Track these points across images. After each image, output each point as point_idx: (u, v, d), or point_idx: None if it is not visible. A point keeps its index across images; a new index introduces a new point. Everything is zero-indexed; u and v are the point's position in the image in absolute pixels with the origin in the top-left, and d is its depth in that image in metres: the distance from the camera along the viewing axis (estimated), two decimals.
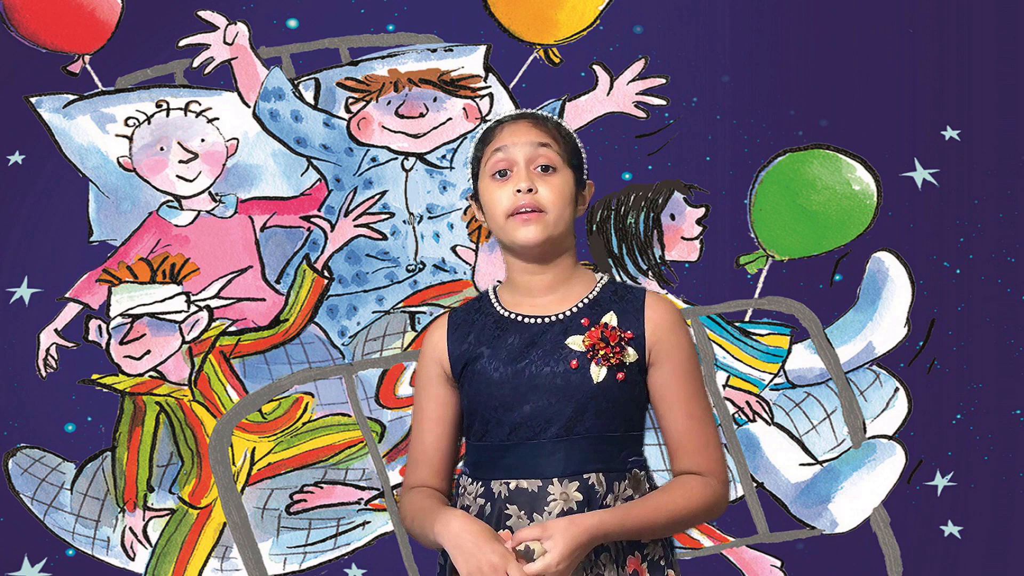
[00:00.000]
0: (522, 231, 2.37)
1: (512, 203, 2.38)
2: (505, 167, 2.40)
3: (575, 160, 2.44)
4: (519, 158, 2.39)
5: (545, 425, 2.34)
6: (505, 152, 2.40)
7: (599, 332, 2.36)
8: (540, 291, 2.41)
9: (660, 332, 2.39)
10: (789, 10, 4.10)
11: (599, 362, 2.35)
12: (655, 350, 2.39)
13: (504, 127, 2.44)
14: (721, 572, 4.07)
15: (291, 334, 4.05)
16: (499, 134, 2.43)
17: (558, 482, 2.34)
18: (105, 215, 4.05)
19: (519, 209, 2.37)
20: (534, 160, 2.40)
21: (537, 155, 2.40)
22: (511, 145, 2.40)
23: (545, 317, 2.39)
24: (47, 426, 4.02)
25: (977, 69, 4.10)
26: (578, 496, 2.33)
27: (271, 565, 4.03)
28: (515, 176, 2.39)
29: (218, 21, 4.05)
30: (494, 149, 2.41)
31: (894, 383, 4.10)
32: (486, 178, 2.42)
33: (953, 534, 4.08)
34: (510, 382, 2.35)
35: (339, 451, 4.05)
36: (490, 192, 2.41)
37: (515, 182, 2.38)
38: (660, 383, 2.39)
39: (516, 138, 2.41)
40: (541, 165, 2.40)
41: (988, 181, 4.11)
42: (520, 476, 2.34)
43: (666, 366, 2.39)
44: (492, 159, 2.41)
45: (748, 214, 4.10)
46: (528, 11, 4.09)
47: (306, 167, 4.08)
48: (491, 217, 2.42)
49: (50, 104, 4.03)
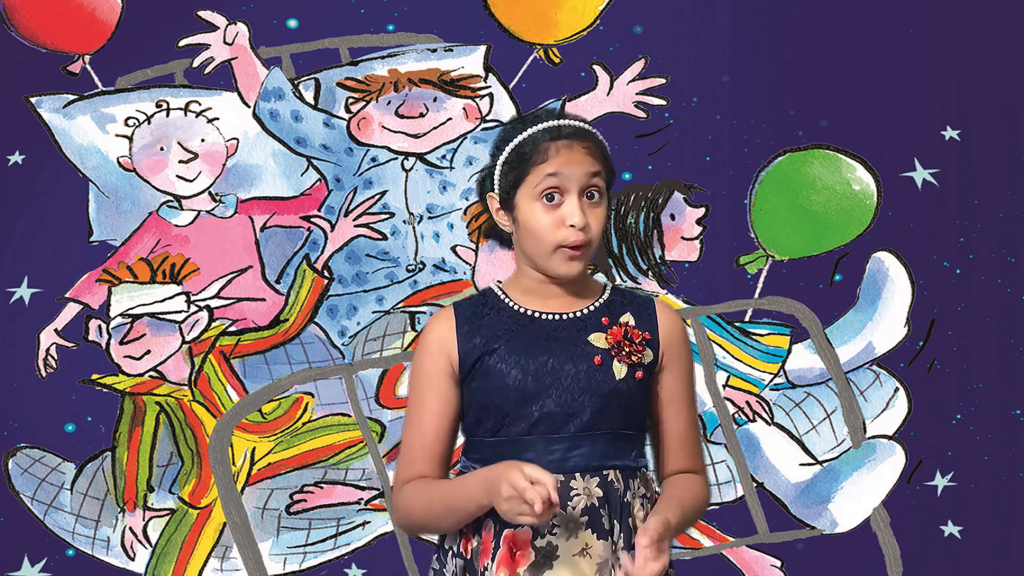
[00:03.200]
0: (567, 266, 2.34)
1: (563, 236, 2.32)
2: (556, 192, 2.33)
3: (611, 181, 2.41)
4: (573, 188, 2.33)
5: (568, 420, 2.34)
6: (560, 179, 2.32)
7: (622, 331, 2.37)
8: (553, 295, 2.41)
9: (672, 337, 2.42)
10: (789, 10, 4.10)
11: (622, 359, 2.36)
12: (667, 354, 2.41)
13: (560, 148, 2.34)
14: (721, 572, 4.07)
15: (291, 334, 4.05)
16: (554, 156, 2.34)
17: (580, 477, 2.34)
18: (105, 215, 4.05)
19: (569, 243, 2.33)
20: (586, 189, 2.34)
21: (590, 184, 2.34)
22: (567, 173, 2.33)
23: (562, 314, 2.39)
24: (47, 426, 4.02)
25: (977, 69, 4.10)
26: (599, 492, 2.33)
27: (271, 565, 4.03)
28: (568, 208, 2.32)
29: (218, 21, 4.05)
30: (547, 172, 2.33)
31: (894, 383, 4.10)
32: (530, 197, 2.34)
33: (953, 534, 4.08)
34: (531, 376, 2.34)
35: (339, 451, 4.05)
36: (536, 216, 2.34)
37: (569, 215, 2.32)
38: (669, 386, 2.42)
39: (573, 168, 2.33)
40: (590, 193, 2.35)
41: (988, 181, 4.11)
42: None
43: (676, 370, 2.42)
44: (544, 181, 2.33)
45: (748, 214, 4.10)
46: (528, 11, 4.09)
47: (306, 167, 4.08)
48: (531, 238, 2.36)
49: (50, 104, 4.03)
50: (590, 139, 2.38)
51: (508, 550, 2.33)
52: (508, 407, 2.35)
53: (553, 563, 2.31)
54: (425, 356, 2.40)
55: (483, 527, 2.35)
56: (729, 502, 4.07)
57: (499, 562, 2.33)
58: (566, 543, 2.32)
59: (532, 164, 2.35)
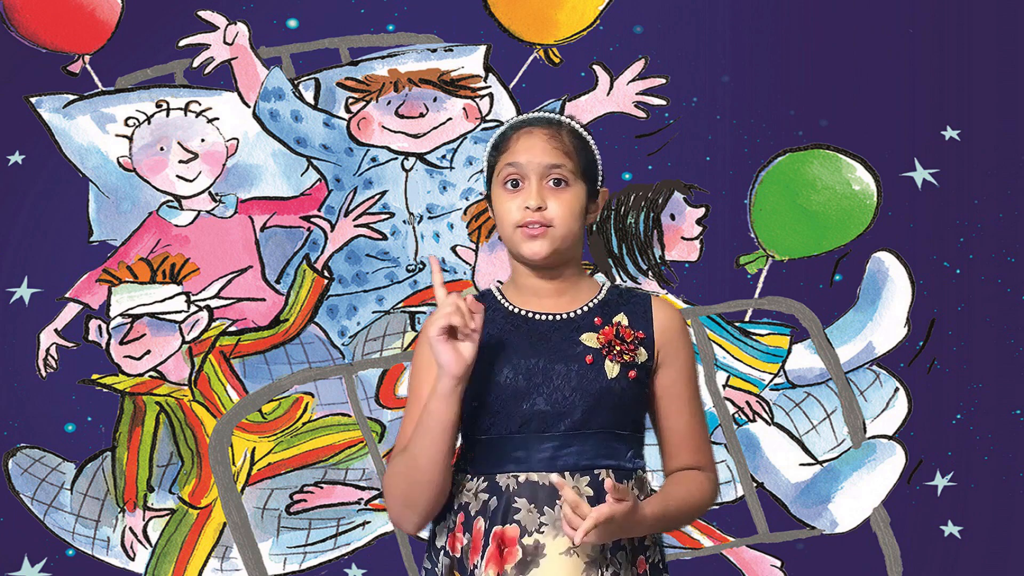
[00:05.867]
0: (527, 245, 2.38)
1: (520, 216, 2.38)
2: (517, 179, 2.40)
3: (590, 171, 2.44)
4: (531, 174, 2.39)
5: (558, 419, 2.35)
6: (517, 168, 2.39)
7: (613, 330, 2.38)
8: (548, 294, 2.43)
9: (668, 335, 2.42)
10: (789, 10, 4.10)
11: (614, 359, 2.37)
12: (663, 351, 2.42)
13: (520, 138, 2.42)
14: (721, 572, 4.07)
15: (291, 334, 4.05)
16: (513, 145, 2.41)
17: (570, 476, 2.34)
18: (105, 215, 4.06)
19: (526, 223, 2.38)
20: (546, 175, 2.39)
21: (549, 173, 2.40)
22: (524, 162, 2.39)
23: (556, 315, 2.41)
24: (47, 426, 4.02)
25: (977, 69, 4.10)
26: (589, 491, 2.34)
27: (271, 565, 4.03)
28: (525, 190, 2.39)
29: (218, 21, 4.05)
30: (507, 161, 2.40)
31: (894, 383, 4.10)
32: (498, 186, 2.42)
33: (953, 534, 4.08)
34: (523, 375, 2.35)
35: (339, 451, 4.05)
36: (500, 201, 2.41)
37: (525, 197, 2.38)
38: (668, 383, 2.42)
39: (530, 155, 2.39)
40: (553, 179, 2.40)
41: (988, 181, 4.11)
42: (531, 469, 2.34)
43: (674, 367, 2.42)
44: (505, 169, 2.40)
45: (748, 214, 4.10)
46: (528, 11, 4.09)
47: (306, 167, 4.08)
48: (500, 225, 2.43)
49: (50, 104, 4.03)
50: (554, 127, 2.42)
51: (496, 547, 2.33)
52: (498, 405, 2.36)
53: (540, 561, 2.31)
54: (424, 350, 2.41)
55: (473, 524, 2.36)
56: (729, 502, 4.07)
57: (488, 559, 2.33)
58: (553, 541, 2.32)
59: (499, 155, 2.43)
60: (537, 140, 2.41)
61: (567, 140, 2.42)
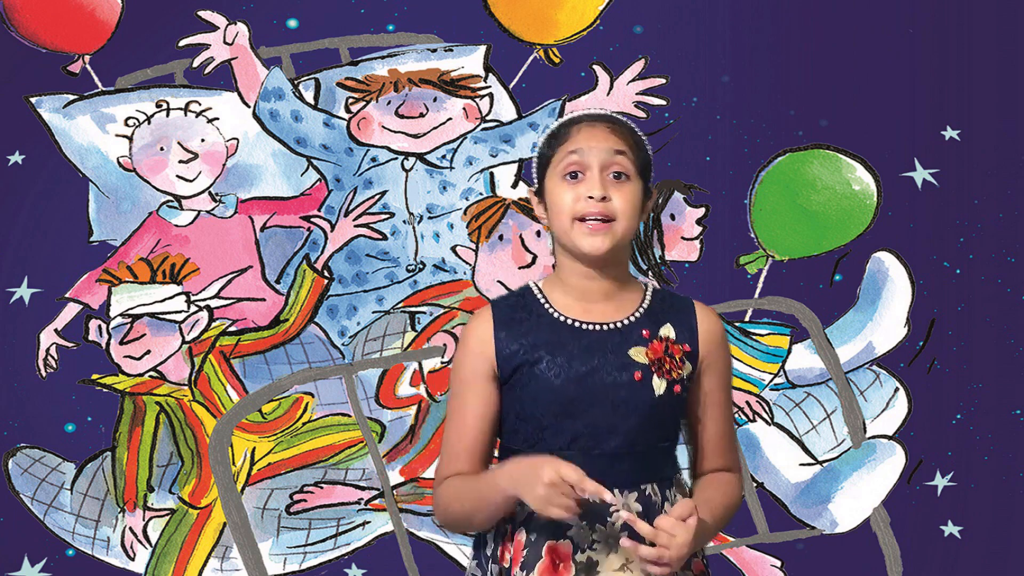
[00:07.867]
0: (588, 240, 2.33)
1: (582, 209, 2.33)
2: (578, 170, 2.34)
3: (646, 169, 2.41)
4: (594, 163, 2.34)
5: (608, 435, 2.32)
6: (580, 155, 2.34)
7: (663, 347, 2.35)
8: (596, 298, 2.38)
9: (711, 345, 2.41)
10: (789, 10, 4.10)
11: (662, 376, 2.34)
12: (706, 361, 2.40)
13: (581, 128, 2.38)
14: (721, 572, 4.07)
15: (291, 334, 4.05)
16: (575, 135, 2.37)
17: (619, 492, 2.32)
18: (105, 215, 4.06)
19: (588, 216, 2.33)
20: (609, 167, 2.35)
21: (612, 162, 2.35)
22: (587, 149, 2.34)
23: (604, 324, 2.36)
24: (47, 426, 4.02)
25: (977, 69, 4.10)
26: (638, 507, 2.32)
27: (271, 565, 4.03)
28: (588, 181, 2.33)
29: (218, 21, 4.05)
30: (569, 150, 2.35)
31: (894, 383, 4.10)
32: (556, 177, 2.36)
33: (953, 534, 4.08)
34: (573, 389, 2.31)
35: (339, 451, 4.05)
36: (559, 193, 2.35)
37: (588, 187, 2.33)
38: (708, 390, 2.41)
39: (593, 143, 2.35)
40: (615, 172, 2.36)
41: (988, 181, 4.11)
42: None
43: (715, 375, 2.41)
44: (565, 160, 2.35)
45: (748, 214, 4.10)
46: (528, 11, 4.09)
47: (306, 167, 4.08)
48: (556, 217, 2.36)
49: (50, 104, 4.03)
50: (614, 122, 2.40)
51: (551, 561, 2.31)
52: (548, 419, 2.33)
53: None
54: (466, 356, 2.38)
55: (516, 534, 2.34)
56: None
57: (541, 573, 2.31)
58: (606, 559, 2.31)
59: (557, 146, 2.38)
60: (599, 131, 2.37)
61: (628, 133, 2.40)
